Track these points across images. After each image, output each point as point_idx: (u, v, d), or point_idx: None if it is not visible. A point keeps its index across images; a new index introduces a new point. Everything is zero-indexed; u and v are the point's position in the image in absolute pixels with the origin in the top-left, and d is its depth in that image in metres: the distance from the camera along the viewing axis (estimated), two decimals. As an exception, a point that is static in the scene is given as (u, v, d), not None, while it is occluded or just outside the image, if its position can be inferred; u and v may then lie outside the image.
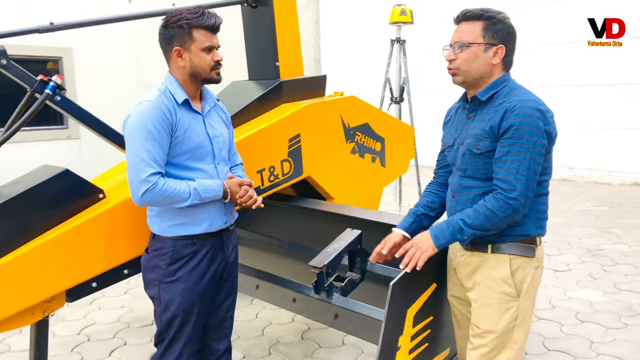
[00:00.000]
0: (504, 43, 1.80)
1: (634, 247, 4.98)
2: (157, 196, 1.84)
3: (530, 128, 1.69)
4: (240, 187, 2.04)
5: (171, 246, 1.98)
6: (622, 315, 3.49)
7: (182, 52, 1.92)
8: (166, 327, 2.03)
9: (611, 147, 8.02)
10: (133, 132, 1.86)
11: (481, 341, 1.87)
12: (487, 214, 1.74)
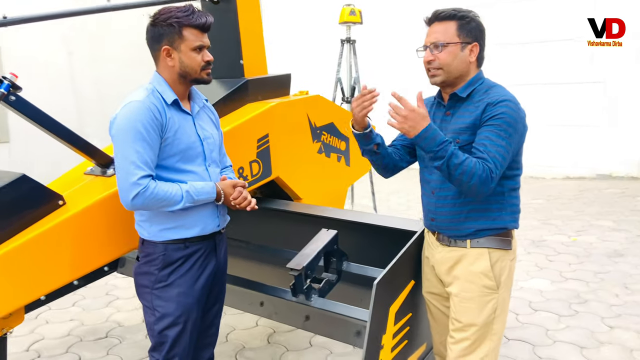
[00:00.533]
0: (477, 41, 1.86)
1: (572, 237, 5.29)
2: (149, 200, 1.77)
3: (510, 120, 1.76)
4: (234, 189, 1.99)
5: (162, 251, 1.91)
6: (571, 303, 3.69)
7: (172, 52, 1.85)
8: (160, 339, 1.93)
9: (544, 143, 8.49)
10: (121, 134, 1.78)
11: (463, 335, 1.91)
12: (470, 172, 1.68)
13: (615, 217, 6.01)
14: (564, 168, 8.59)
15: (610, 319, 3.42)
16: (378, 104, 1.96)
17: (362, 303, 2.65)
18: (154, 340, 1.96)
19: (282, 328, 3.42)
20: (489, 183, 1.72)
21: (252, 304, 3.11)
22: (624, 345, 3.06)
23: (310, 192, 3.05)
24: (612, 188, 7.58)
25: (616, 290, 3.88)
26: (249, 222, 3.09)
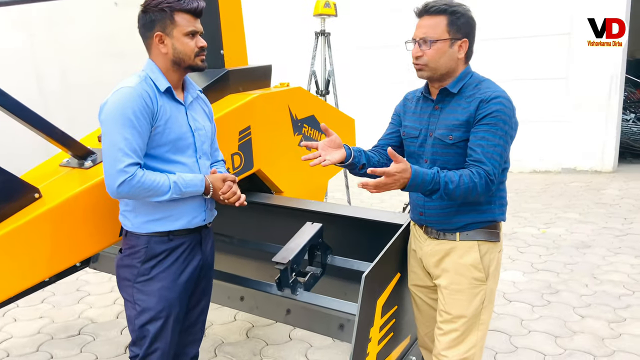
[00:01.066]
0: (467, 37, 1.84)
1: (542, 229, 5.43)
2: (135, 188, 1.72)
3: (504, 117, 1.76)
4: (224, 183, 1.95)
5: (145, 243, 1.86)
6: (543, 294, 3.79)
7: (164, 38, 1.81)
8: (141, 334, 1.88)
9: (512, 138, 8.68)
10: (111, 120, 1.73)
11: (452, 326, 1.92)
12: (470, 187, 1.71)
13: (581, 209, 6.21)
14: (530, 162, 8.81)
15: (581, 308, 3.53)
16: (355, 98, 1.95)
17: (346, 296, 2.65)
18: (134, 335, 1.91)
19: (261, 322, 3.39)
20: (491, 186, 1.75)
21: (231, 298, 3.07)
22: (596, 334, 3.16)
23: (291, 185, 3.02)
24: (577, 182, 7.82)
25: (585, 281, 4.01)
26: (231, 215, 3.04)
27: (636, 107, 9.91)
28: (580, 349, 2.99)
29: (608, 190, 7.20)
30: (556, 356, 2.93)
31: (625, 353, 2.94)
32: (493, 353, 2.97)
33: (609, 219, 5.74)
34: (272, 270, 2.27)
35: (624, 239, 5.01)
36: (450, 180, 1.71)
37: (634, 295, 3.72)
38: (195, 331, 2.11)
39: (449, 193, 1.73)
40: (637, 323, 3.29)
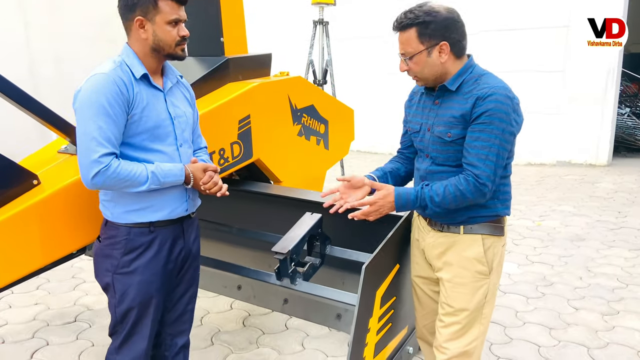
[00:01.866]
0: (444, 38, 1.78)
1: (537, 222, 5.46)
2: (110, 179, 1.67)
3: (501, 115, 1.72)
4: (205, 173, 1.90)
5: (125, 234, 1.81)
6: (538, 286, 3.82)
7: (145, 23, 1.74)
8: (121, 319, 1.87)
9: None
10: (84, 108, 1.67)
11: (453, 319, 1.92)
12: (458, 195, 1.76)
13: (575, 202, 6.24)
14: (525, 155, 8.84)
15: (575, 300, 3.56)
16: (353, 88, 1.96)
17: (344, 286, 2.66)
18: (113, 320, 1.89)
19: (258, 311, 3.40)
20: (483, 189, 1.75)
21: (228, 287, 3.08)
22: (589, 326, 3.19)
23: (290, 175, 3.01)
24: (572, 175, 7.86)
25: (580, 273, 4.04)
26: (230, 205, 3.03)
27: (632, 101, 9.96)
28: (574, 341, 3.02)
29: (602, 183, 7.24)
30: (550, 347, 2.96)
31: (618, 345, 2.97)
32: (488, 344, 2.99)
33: (603, 212, 5.78)
34: (270, 260, 2.27)
35: (618, 232, 5.05)
36: (435, 194, 1.78)
37: (628, 288, 3.76)
38: (184, 321, 2.09)
39: (439, 205, 1.79)
40: (630, 316, 3.33)
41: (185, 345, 2.13)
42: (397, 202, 1.82)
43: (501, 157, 1.76)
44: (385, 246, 2.02)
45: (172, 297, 2.02)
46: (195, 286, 2.11)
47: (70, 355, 2.89)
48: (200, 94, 2.61)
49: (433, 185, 1.81)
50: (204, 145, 2.13)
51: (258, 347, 2.99)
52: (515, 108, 1.78)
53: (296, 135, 3.03)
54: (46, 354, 2.92)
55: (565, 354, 2.88)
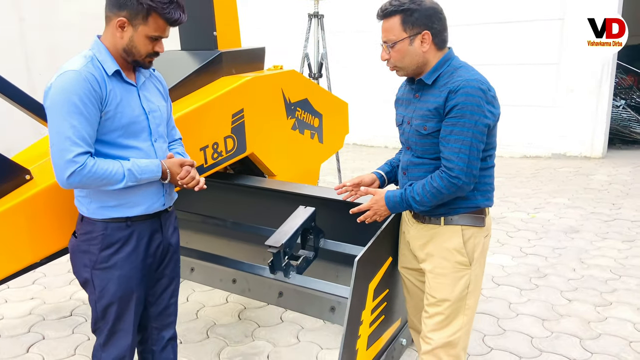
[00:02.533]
0: (427, 27, 1.80)
1: (531, 214, 5.49)
2: (86, 178, 1.65)
3: (472, 107, 1.74)
4: (182, 168, 1.88)
5: (102, 230, 1.79)
6: (531, 277, 3.84)
7: (126, 26, 1.70)
8: (102, 315, 1.86)
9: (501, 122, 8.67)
10: (56, 107, 1.63)
11: (437, 309, 1.96)
12: (434, 192, 1.82)
13: (570, 194, 6.27)
14: (521, 147, 8.86)
15: (568, 292, 3.59)
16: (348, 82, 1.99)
17: (338, 279, 2.68)
18: (94, 316, 1.88)
19: (253, 304, 3.41)
20: (458, 182, 1.78)
21: (223, 280, 3.10)
22: (582, 317, 3.22)
23: (284, 168, 3.02)
24: (567, 167, 7.88)
25: (573, 265, 4.07)
26: (223, 198, 3.04)
27: (627, 93, 9.97)
28: (567, 332, 3.05)
29: (597, 175, 7.27)
30: (543, 339, 2.98)
31: (610, 336, 3.00)
32: (481, 335, 3.02)
33: (598, 204, 5.81)
34: (265, 254, 2.28)
35: (612, 224, 5.08)
36: (416, 193, 1.87)
37: (621, 279, 3.79)
38: (168, 314, 2.09)
39: (421, 204, 1.86)
40: (623, 307, 3.36)
41: (172, 338, 2.14)
42: (388, 205, 1.94)
43: (475, 149, 1.77)
44: (378, 239, 2.04)
45: (155, 291, 2.02)
46: (177, 279, 2.10)
47: (66, 349, 2.90)
48: (193, 88, 2.62)
49: (414, 185, 1.89)
50: (178, 137, 2.10)
51: (253, 340, 3.01)
52: (489, 99, 1.78)
53: (290, 129, 3.03)
54: (42, 348, 2.93)
55: (558, 345, 2.91)
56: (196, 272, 3.21)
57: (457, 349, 1.95)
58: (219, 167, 2.61)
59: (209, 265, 3.05)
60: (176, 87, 2.53)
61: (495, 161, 2.00)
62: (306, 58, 5.95)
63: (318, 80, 5.99)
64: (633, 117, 9.51)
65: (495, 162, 1.99)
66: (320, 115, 3.26)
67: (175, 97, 2.52)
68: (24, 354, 2.86)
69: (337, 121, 3.44)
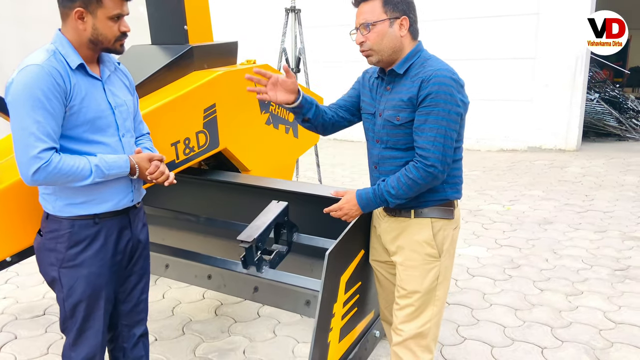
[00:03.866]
0: (406, 14, 1.84)
1: (507, 206, 5.57)
2: (52, 175, 1.61)
3: (445, 97, 1.76)
4: (150, 163, 1.86)
5: (68, 227, 1.75)
6: (505, 268, 3.91)
7: (85, 15, 1.66)
8: (70, 314, 1.83)
9: (479, 117, 8.81)
10: (19, 102, 1.59)
11: (407, 301, 1.98)
12: (409, 184, 1.82)
13: (544, 187, 6.38)
14: (497, 141, 8.98)
15: (540, 282, 3.66)
16: (327, 76, 1.97)
17: (312, 273, 2.69)
18: (63, 315, 1.85)
19: (230, 300, 3.40)
20: (434, 171, 1.79)
21: (198, 276, 3.09)
22: (553, 307, 3.29)
23: (258, 163, 3.01)
24: (542, 160, 8.02)
25: (546, 256, 4.15)
26: (197, 194, 3.03)
27: (600, 87, 10.17)
28: (539, 321, 3.11)
29: (571, 168, 7.41)
30: (515, 328, 3.04)
31: (580, 324, 3.07)
32: (455, 326, 3.06)
33: (571, 196, 5.92)
34: (240, 249, 2.28)
35: (585, 215, 5.19)
36: (391, 187, 1.86)
37: (592, 269, 3.87)
38: (139, 311, 2.06)
39: (397, 197, 1.86)
40: (593, 296, 3.44)
41: (143, 335, 2.12)
42: (360, 203, 1.95)
43: (449, 138, 1.79)
44: (349, 233, 2.05)
45: (125, 288, 1.99)
46: (148, 275, 2.08)
47: (39, 349, 2.87)
48: (164, 82, 2.59)
49: (388, 179, 1.89)
50: (146, 131, 2.07)
51: (229, 335, 3.01)
52: (460, 89, 1.81)
53: (264, 124, 3.02)
54: (15, 347, 2.88)
55: (530, 334, 2.97)
56: (171, 269, 3.19)
57: (428, 340, 1.98)
58: (192, 163, 2.59)
59: (183, 262, 3.04)
60: (146, 82, 2.50)
61: (472, 156, 2.02)
62: (284, 53, 5.93)
63: (296, 75, 5.97)
64: (607, 110, 9.71)
65: (462, 155, 2.01)
66: (295, 110, 3.25)
67: (145, 92, 2.49)
68: (-5, 355, 2.82)
69: (311, 115, 3.43)
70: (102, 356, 1.93)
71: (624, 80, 13.46)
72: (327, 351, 2.04)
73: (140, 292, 2.05)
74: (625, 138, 9.58)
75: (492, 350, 2.81)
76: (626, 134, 9.63)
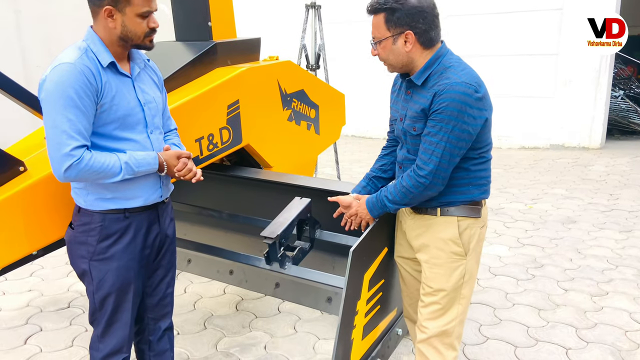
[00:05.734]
0: (410, 27, 1.77)
1: (529, 205, 5.49)
2: (83, 172, 1.64)
3: (452, 113, 1.72)
4: (179, 160, 1.88)
5: (100, 221, 1.79)
6: (528, 268, 3.86)
7: (114, 13, 1.68)
8: (100, 306, 1.86)
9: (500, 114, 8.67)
10: (51, 100, 1.62)
11: (432, 299, 1.97)
12: (403, 191, 1.87)
13: (567, 185, 6.27)
14: (519, 138, 8.85)
15: (565, 282, 3.60)
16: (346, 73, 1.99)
17: (334, 270, 2.69)
18: (92, 307, 1.88)
19: (250, 295, 3.42)
20: (425, 182, 1.80)
21: (220, 272, 3.11)
22: (578, 307, 3.23)
23: (280, 160, 3.01)
24: (565, 158, 7.88)
25: (570, 255, 4.08)
26: (220, 190, 3.04)
27: (625, 83, 9.95)
28: (563, 322, 3.06)
29: (595, 166, 7.27)
30: (539, 328, 3.00)
31: (606, 325, 3.01)
32: (478, 325, 3.03)
33: (595, 195, 5.81)
34: (262, 245, 2.28)
35: (609, 215, 5.09)
36: (389, 192, 1.93)
37: (617, 269, 3.80)
38: (165, 304, 2.09)
39: (395, 202, 1.92)
40: (619, 296, 3.37)
41: (169, 328, 2.15)
42: (367, 207, 2.01)
43: (447, 154, 1.77)
44: (373, 229, 2.04)
45: (152, 282, 2.02)
46: (174, 269, 2.11)
47: (64, 341, 2.92)
48: (188, 79, 2.61)
49: (388, 186, 1.95)
50: (174, 127, 2.10)
51: (251, 330, 3.02)
52: (474, 103, 1.74)
53: (286, 120, 3.02)
54: (40, 339, 2.94)
55: (554, 335, 2.92)
56: (193, 264, 3.21)
57: (452, 338, 1.97)
58: (215, 159, 2.61)
59: (206, 257, 3.06)
60: (171, 78, 2.52)
61: (492, 153, 2.01)
62: (304, 49, 5.92)
63: (316, 71, 5.97)
64: (632, 107, 9.49)
65: (492, 155, 1.99)
66: (317, 107, 3.25)
67: (170, 88, 2.51)
68: (22, 346, 2.87)
69: (333, 112, 3.43)
70: (129, 348, 1.96)
71: (649, 77, 13.15)
72: (351, 348, 2.04)
73: (167, 285, 2.08)
74: (650, 136, 9.37)
75: (516, 350, 2.78)
76: (651, 132, 9.41)
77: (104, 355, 1.89)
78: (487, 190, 1.99)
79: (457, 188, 1.89)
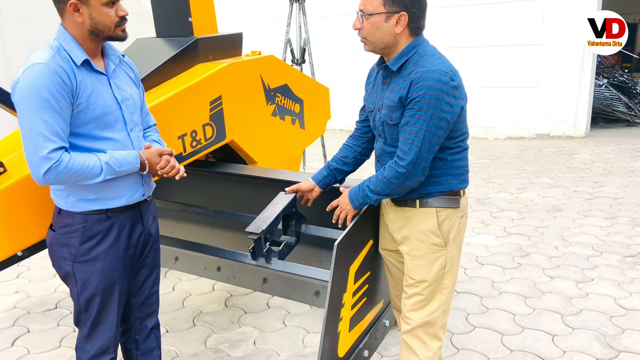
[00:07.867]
0: (407, 10, 1.77)
1: (515, 194, 5.54)
2: (63, 174, 1.60)
3: (430, 101, 1.72)
4: (161, 157, 1.85)
5: (82, 222, 1.75)
6: (514, 256, 3.90)
7: (80, 6, 1.63)
8: (85, 307, 1.84)
9: (486, 105, 8.75)
10: (26, 102, 1.57)
11: (415, 290, 1.98)
12: (384, 181, 1.87)
13: (553, 174, 6.34)
14: (505, 129, 8.92)
15: (550, 269, 3.64)
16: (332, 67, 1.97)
17: (321, 264, 2.69)
18: (77, 309, 1.86)
19: (239, 291, 3.42)
20: (404, 171, 1.80)
21: (208, 268, 3.11)
22: (564, 294, 3.28)
23: (265, 155, 3.01)
24: (550, 147, 7.96)
25: (555, 243, 4.13)
26: (205, 187, 3.03)
27: (609, 72, 10.05)
28: (549, 309, 3.10)
29: (580, 154, 7.35)
30: (525, 316, 3.03)
31: (591, 311, 3.06)
32: (465, 314, 3.06)
33: (580, 183, 5.88)
34: (248, 241, 2.28)
35: (594, 202, 5.15)
36: (371, 183, 1.93)
37: (602, 256, 3.85)
38: (150, 303, 2.08)
39: (377, 193, 1.92)
40: (604, 282, 3.42)
41: (155, 327, 2.14)
42: (350, 200, 2.02)
43: (427, 143, 1.77)
44: (358, 222, 2.05)
45: (137, 281, 2.01)
46: (158, 267, 2.09)
47: (52, 342, 2.90)
48: (170, 75, 2.59)
49: (371, 177, 1.94)
50: (153, 123, 2.06)
51: (240, 326, 3.02)
52: (450, 91, 1.74)
53: (270, 115, 3.01)
54: (27, 341, 2.92)
55: (540, 321, 2.96)
56: (180, 261, 3.21)
57: (436, 328, 1.98)
58: (199, 155, 2.60)
59: (193, 254, 3.06)
60: (152, 75, 2.50)
61: (479, 143, 2.01)
62: (288, 44, 5.90)
63: (301, 66, 5.95)
64: (615, 95, 9.60)
65: (468, 145, 1.99)
66: (301, 101, 3.24)
67: (151, 85, 2.49)
68: (9, 348, 2.85)
69: (318, 106, 3.43)
70: (116, 348, 1.95)
71: (632, 65, 13.29)
72: (338, 341, 2.05)
73: (152, 284, 2.07)
74: (634, 123, 9.48)
75: (502, 338, 2.81)
76: (635, 119, 9.52)
77: (91, 356, 1.88)
78: (465, 179, 1.99)
79: (435, 179, 1.89)
